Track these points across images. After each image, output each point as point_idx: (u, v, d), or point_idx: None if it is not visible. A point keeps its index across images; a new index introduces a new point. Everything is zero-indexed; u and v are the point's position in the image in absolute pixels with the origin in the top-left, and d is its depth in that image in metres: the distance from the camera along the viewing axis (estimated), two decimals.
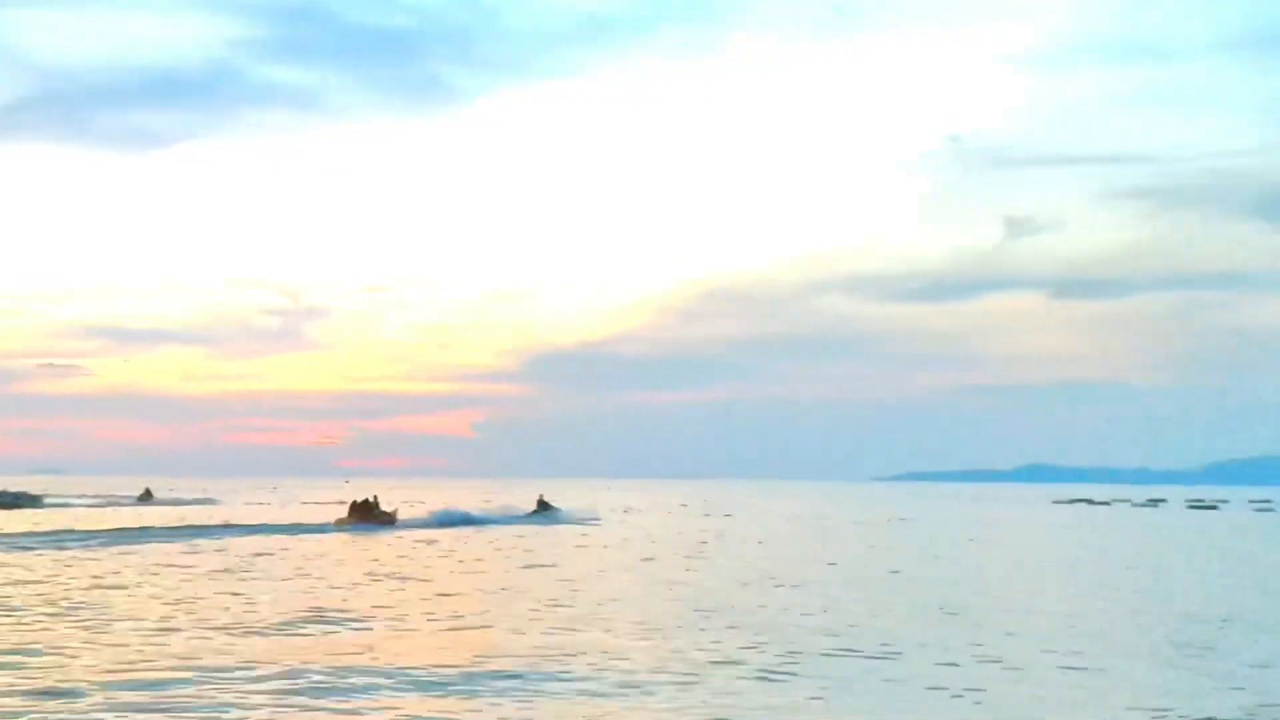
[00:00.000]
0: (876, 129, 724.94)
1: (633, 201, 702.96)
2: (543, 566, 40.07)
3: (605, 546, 51.87)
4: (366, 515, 69.07)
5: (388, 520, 69.43)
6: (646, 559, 44.32)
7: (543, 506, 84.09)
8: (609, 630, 23.43)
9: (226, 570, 36.64)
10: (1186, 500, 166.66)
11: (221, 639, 21.53)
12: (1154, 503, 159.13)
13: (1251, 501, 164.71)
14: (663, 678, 18.14)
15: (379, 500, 72.16)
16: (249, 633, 22.48)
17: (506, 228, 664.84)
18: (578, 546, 51.90)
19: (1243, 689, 18.42)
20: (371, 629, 23.44)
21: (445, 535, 60.53)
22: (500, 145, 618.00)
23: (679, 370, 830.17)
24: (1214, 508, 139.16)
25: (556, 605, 27.87)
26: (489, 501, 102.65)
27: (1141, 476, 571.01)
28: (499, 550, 48.93)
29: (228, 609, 26.18)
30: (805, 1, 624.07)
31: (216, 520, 70.10)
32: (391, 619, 24.98)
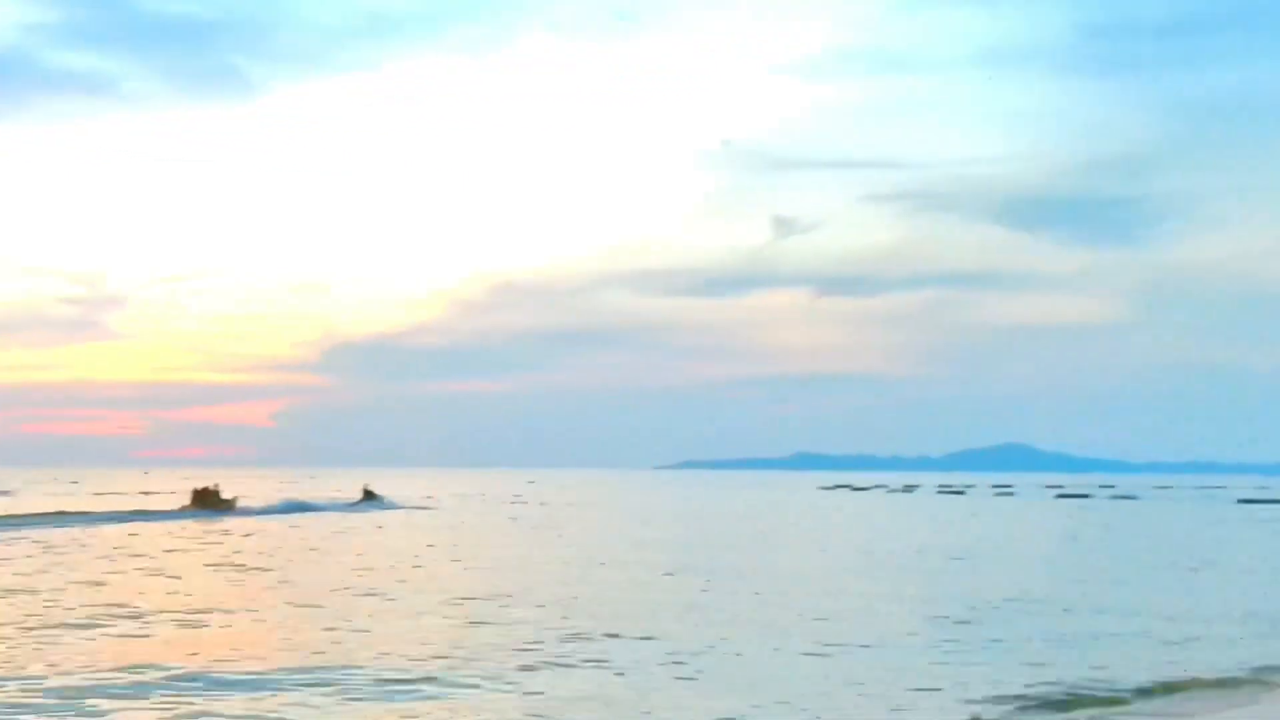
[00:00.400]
0: (656, 130, 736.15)
1: (426, 196, 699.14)
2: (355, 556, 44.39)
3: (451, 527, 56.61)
4: (209, 502, 72.68)
5: (227, 507, 73.00)
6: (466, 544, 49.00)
7: (368, 495, 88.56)
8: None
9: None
10: (938, 486, 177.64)
11: None
12: (909, 488, 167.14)
13: (994, 486, 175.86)
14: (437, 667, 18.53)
15: (219, 488, 75.66)
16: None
17: (304, 219, 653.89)
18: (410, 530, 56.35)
19: (1033, 666, 19.72)
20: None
21: (282, 522, 64.06)
22: (296, 137, 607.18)
23: (472, 361, 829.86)
24: (962, 493, 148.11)
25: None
26: (308, 490, 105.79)
27: (896, 464, 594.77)
28: (341, 536, 52.96)
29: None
30: (588, 4, 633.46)
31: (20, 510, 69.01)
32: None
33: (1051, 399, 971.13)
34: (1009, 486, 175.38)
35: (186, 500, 74.18)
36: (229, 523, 62.13)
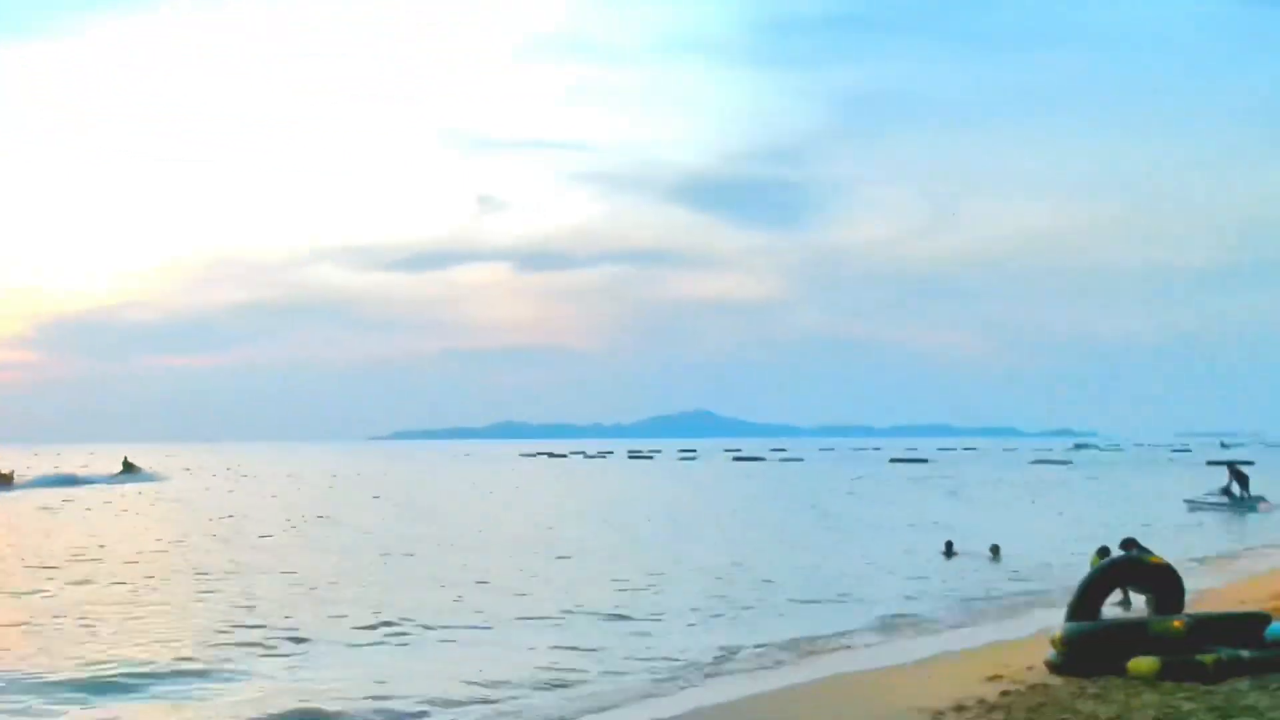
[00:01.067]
0: (367, 110, 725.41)
1: (140, 170, 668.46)
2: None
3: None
4: None
5: (6, 481, 71.13)
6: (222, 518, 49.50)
7: (128, 468, 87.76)
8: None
9: None
10: (629, 451, 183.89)
11: None
12: (603, 454, 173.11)
13: (680, 451, 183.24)
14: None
15: None
16: None
17: (14, 193, 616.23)
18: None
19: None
20: None
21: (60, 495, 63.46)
22: (5, 107, 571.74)
23: (189, 335, 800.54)
24: (650, 458, 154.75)
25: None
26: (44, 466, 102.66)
27: (595, 431, 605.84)
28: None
29: None
30: None
31: None
32: None
33: (730, 369, 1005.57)
34: (692, 451, 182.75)
35: None
36: (36, 496, 62.01)
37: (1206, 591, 20.65)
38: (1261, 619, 14.04)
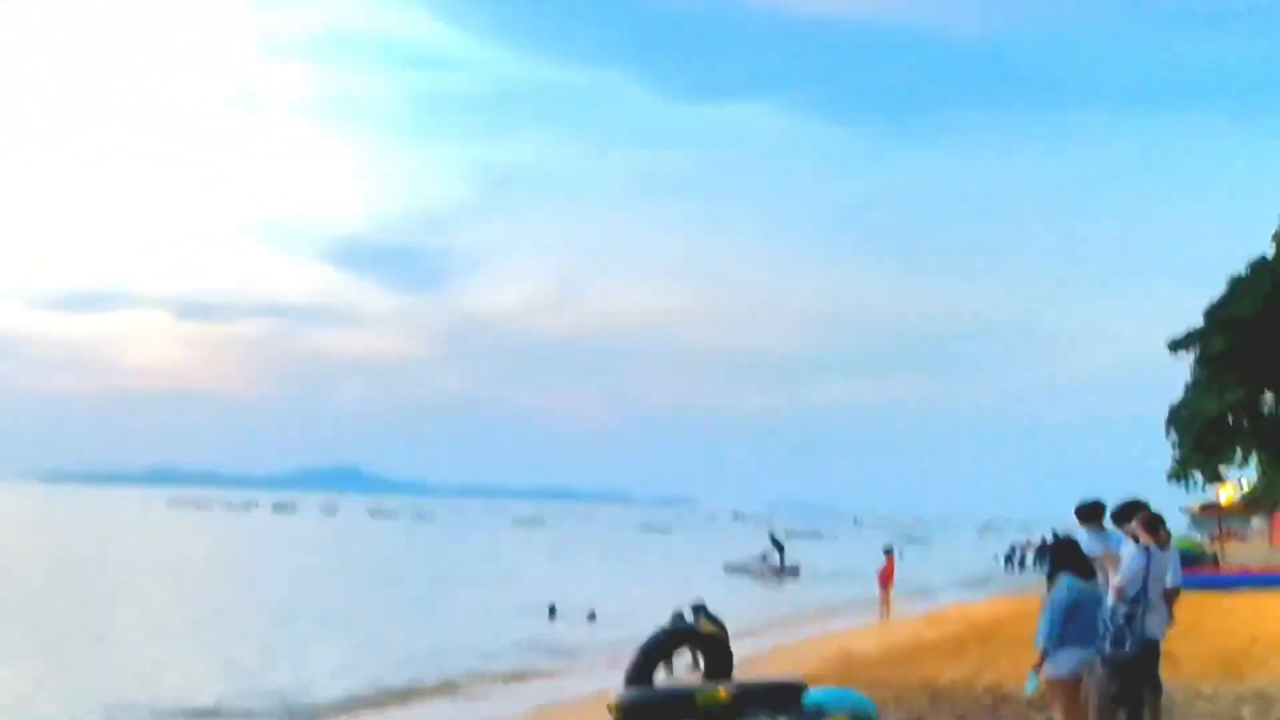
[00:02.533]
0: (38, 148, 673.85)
1: None
2: None
3: None
4: None
5: None
6: None
7: None
8: None
9: None
10: (273, 503, 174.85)
11: None
12: (248, 505, 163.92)
13: (321, 504, 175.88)
14: None
15: None
16: None
17: None
18: None
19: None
20: None
21: None
22: None
23: None
24: (294, 511, 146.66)
25: None
26: None
27: (244, 480, 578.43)
28: None
29: None
30: None
31: None
32: None
33: (375, 425, 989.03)
34: (334, 504, 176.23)
35: None
36: None
37: (746, 659, 20.29)
38: (799, 687, 13.52)
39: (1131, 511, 9.63)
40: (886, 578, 32.27)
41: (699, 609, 20.10)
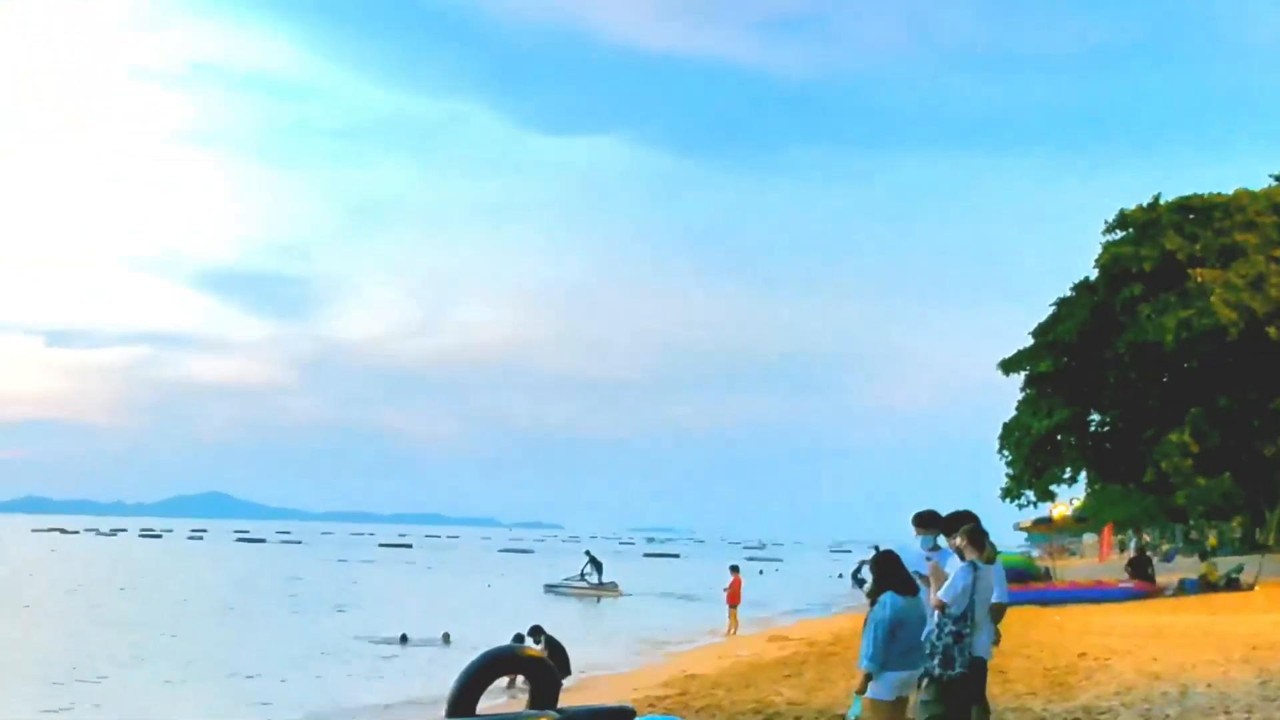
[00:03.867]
0: None
1: None
2: None
3: None
4: None
5: None
6: None
7: None
8: None
9: None
10: (140, 529, 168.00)
11: None
12: (115, 531, 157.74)
13: (191, 531, 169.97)
14: None
15: None
16: None
17: None
18: None
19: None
20: None
21: None
22: None
23: None
24: (160, 536, 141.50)
25: None
26: None
27: (117, 508, 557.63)
28: None
29: None
30: None
31: None
32: None
33: (244, 452, 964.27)
34: (202, 531, 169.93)
35: None
36: None
37: (585, 682, 19.09)
38: (628, 713, 12.37)
39: (959, 522, 8.74)
40: (734, 596, 31.37)
41: (536, 631, 18.87)
